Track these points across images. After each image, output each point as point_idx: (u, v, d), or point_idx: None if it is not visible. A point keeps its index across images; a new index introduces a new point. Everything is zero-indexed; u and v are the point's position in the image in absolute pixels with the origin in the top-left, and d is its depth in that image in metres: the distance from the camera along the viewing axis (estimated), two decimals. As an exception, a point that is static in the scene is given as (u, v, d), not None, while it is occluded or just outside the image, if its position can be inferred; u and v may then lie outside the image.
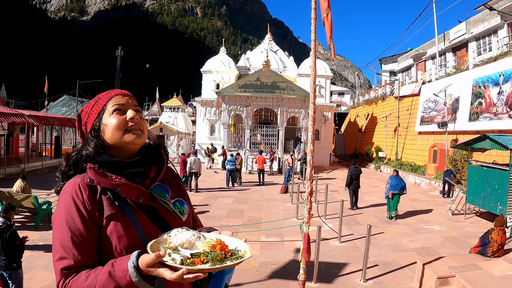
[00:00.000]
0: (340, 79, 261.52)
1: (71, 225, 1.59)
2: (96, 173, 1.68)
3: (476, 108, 21.44)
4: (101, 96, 1.89)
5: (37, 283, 7.33)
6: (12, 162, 23.68)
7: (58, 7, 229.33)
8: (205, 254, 1.48)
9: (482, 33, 26.43)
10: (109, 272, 1.47)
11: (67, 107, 41.28)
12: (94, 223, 1.64)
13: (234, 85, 29.82)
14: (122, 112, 1.82)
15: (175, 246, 1.51)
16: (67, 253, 1.56)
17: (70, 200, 1.64)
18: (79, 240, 1.58)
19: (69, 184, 1.71)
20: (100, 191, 1.70)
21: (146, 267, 1.41)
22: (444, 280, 7.08)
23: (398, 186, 13.56)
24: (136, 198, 1.74)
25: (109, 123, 1.79)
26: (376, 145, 34.88)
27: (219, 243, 1.56)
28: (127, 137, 1.79)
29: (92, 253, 1.62)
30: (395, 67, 45.86)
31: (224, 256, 1.50)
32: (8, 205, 6.48)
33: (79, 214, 1.61)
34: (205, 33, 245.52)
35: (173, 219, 1.82)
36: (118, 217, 1.67)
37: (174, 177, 2.10)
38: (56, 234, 1.62)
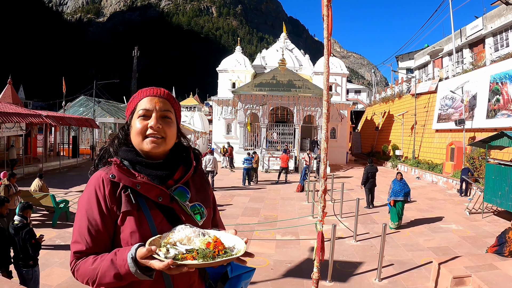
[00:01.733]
0: (356, 77, 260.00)
1: (89, 215, 1.73)
2: (119, 169, 1.78)
3: (494, 105, 21.17)
4: (137, 95, 1.95)
5: (53, 280, 7.44)
6: (30, 162, 24.01)
7: (74, 9, 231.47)
8: (199, 251, 1.56)
9: (499, 29, 26.10)
10: (111, 260, 1.61)
11: (84, 107, 41.58)
12: (111, 216, 1.75)
13: (250, 84, 29.82)
14: (147, 117, 1.86)
15: (174, 241, 1.61)
16: (81, 238, 1.71)
17: (92, 192, 1.77)
18: (93, 230, 1.71)
19: (95, 176, 1.83)
20: (122, 187, 1.79)
21: (140, 259, 1.53)
22: (460, 280, 7.01)
23: (402, 191, 12.10)
24: (156, 198, 1.81)
25: (133, 126, 1.88)
26: (393, 143, 34.66)
27: (214, 240, 1.62)
28: (145, 145, 1.84)
29: (104, 243, 1.74)
30: (412, 64, 45.50)
31: (217, 253, 1.56)
32: (25, 204, 6.56)
33: (98, 206, 1.74)
34: (221, 33, 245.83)
35: (190, 222, 1.84)
36: (133, 213, 1.76)
37: (202, 180, 2.14)
38: (76, 219, 1.77)
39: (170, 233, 1.67)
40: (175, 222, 1.80)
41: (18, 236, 6.02)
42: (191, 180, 2.02)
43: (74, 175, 22.23)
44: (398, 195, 12.04)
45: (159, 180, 1.84)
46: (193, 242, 1.62)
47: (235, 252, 1.65)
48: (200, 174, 2.15)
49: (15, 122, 19.36)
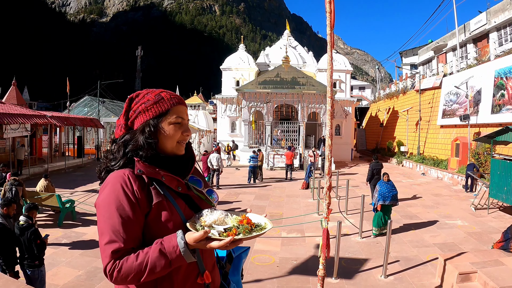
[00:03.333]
0: (360, 73, 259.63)
1: (121, 211, 1.75)
2: (145, 165, 1.86)
3: (499, 100, 21.09)
4: (164, 97, 1.98)
5: (60, 279, 7.48)
6: (36, 163, 24.10)
7: (77, 9, 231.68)
8: (236, 227, 1.77)
9: (503, 23, 25.97)
10: (160, 250, 1.69)
11: (88, 108, 41.72)
12: (141, 210, 1.80)
13: (254, 81, 29.81)
14: (179, 124, 1.99)
15: (209, 223, 1.79)
16: (117, 236, 1.71)
17: (119, 189, 1.79)
18: (128, 225, 1.74)
19: (117, 175, 1.85)
20: (148, 182, 1.87)
21: (194, 242, 1.68)
22: (466, 276, 6.99)
23: (389, 195, 10.94)
24: (176, 188, 1.94)
25: (169, 131, 1.96)
26: (398, 139, 34.57)
27: (244, 218, 1.85)
28: (176, 148, 2.00)
29: (138, 237, 1.80)
30: (416, 60, 45.39)
31: (250, 228, 1.79)
32: (31, 205, 6.60)
33: (128, 201, 1.77)
34: (224, 31, 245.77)
35: (204, 205, 2.02)
36: (164, 204, 1.85)
37: (198, 172, 2.29)
38: (104, 219, 1.76)
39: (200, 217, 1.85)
40: (194, 207, 1.97)
41: (23, 236, 6.05)
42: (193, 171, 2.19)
43: (80, 175, 22.31)
44: (386, 199, 10.88)
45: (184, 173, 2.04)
46: (225, 222, 1.82)
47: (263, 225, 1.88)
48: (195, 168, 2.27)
49: (20, 123, 19.43)
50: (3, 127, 18.97)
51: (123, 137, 1.97)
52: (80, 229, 11.13)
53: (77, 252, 9.07)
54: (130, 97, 2.04)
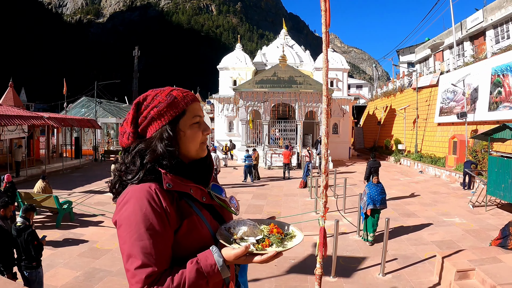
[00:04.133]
0: (357, 72, 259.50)
1: (151, 231, 1.57)
2: (173, 178, 1.69)
3: (496, 97, 21.13)
4: (177, 96, 1.79)
5: (58, 281, 7.48)
6: (33, 164, 24.05)
7: (74, 10, 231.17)
8: (270, 238, 1.68)
9: (500, 21, 26.02)
10: (197, 269, 1.56)
11: (86, 108, 41.69)
12: (171, 227, 1.64)
13: (251, 81, 29.80)
14: (199, 124, 1.83)
15: (240, 236, 1.69)
16: (149, 260, 1.54)
17: (147, 206, 1.59)
18: (160, 246, 1.57)
19: (141, 189, 1.65)
20: (176, 196, 1.72)
21: (234, 258, 1.59)
22: (464, 274, 7.01)
23: (379, 198, 10.21)
24: (201, 198, 1.80)
25: (190, 134, 1.79)
26: (395, 137, 34.61)
27: (273, 227, 1.75)
28: (200, 151, 1.85)
29: (170, 256, 1.64)
30: (413, 58, 45.48)
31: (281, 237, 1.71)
32: (28, 206, 6.60)
33: (158, 220, 1.59)
34: (221, 30, 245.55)
35: (226, 214, 1.93)
36: (194, 218, 1.72)
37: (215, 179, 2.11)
38: (132, 240, 1.56)
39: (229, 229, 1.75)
40: (217, 218, 1.86)
41: (20, 238, 6.05)
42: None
43: (78, 176, 22.27)
44: (376, 203, 10.11)
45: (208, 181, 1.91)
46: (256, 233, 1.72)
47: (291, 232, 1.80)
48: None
49: (17, 124, 19.39)
50: (0, 129, 18.93)
51: (137, 146, 1.75)
52: (78, 230, 11.11)
53: (75, 253, 9.07)
54: (137, 101, 1.80)
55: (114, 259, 8.69)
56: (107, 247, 9.55)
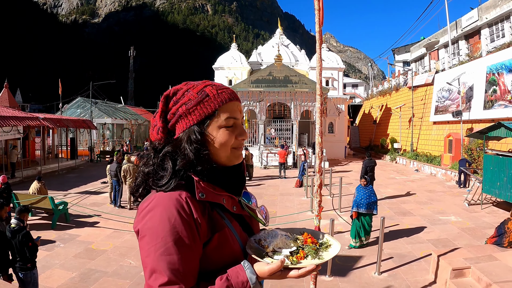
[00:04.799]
0: (353, 71, 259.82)
1: (180, 246, 1.42)
2: (207, 186, 1.54)
3: (491, 95, 21.19)
4: (210, 93, 1.60)
5: (54, 282, 7.46)
6: (29, 165, 23.97)
7: (69, 10, 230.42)
8: (304, 249, 1.53)
9: (495, 19, 26.05)
10: (227, 287, 1.40)
11: (81, 109, 41.55)
12: (201, 240, 1.50)
13: (247, 80, 29.79)
14: (233, 126, 1.62)
15: (273, 248, 1.54)
16: (177, 277, 1.39)
17: (176, 217, 1.44)
18: (189, 262, 1.43)
19: (170, 197, 1.48)
20: (209, 206, 1.57)
21: (268, 274, 1.41)
22: (459, 272, 7.02)
23: (364, 202, 9.54)
24: (232, 208, 1.64)
25: (220, 136, 1.59)
26: (391, 136, 34.69)
27: (307, 236, 1.60)
28: (234, 158, 1.66)
29: (197, 272, 1.49)
30: (408, 57, 45.48)
31: (316, 248, 1.55)
32: (22, 207, 6.57)
33: (188, 232, 1.44)
34: (217, 30, 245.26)
35: (255, 224, 1.77)
36: (225, 230, 1.57)
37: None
38: (157, 254, 1.41)
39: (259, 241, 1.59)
40: (246, 228, 1.70)
41: (15, 239, 6.03)
42: None
43: (73, 177, 22.21)
44: (360, 206, 9.51)
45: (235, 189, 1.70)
46: (289, 244, 1.57)
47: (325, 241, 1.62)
48: None
49: (12, 125, 19.33)
50: (-5, 130, 18.87)
51: (165, 147, 1.58)
52: (73, 230, 11.09)
53: (70, 254, 9.04)
54: (166, 94, 1.64)
55: (109, 260, 8.68)
56: (102, 247, 9.53)
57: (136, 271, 8.03)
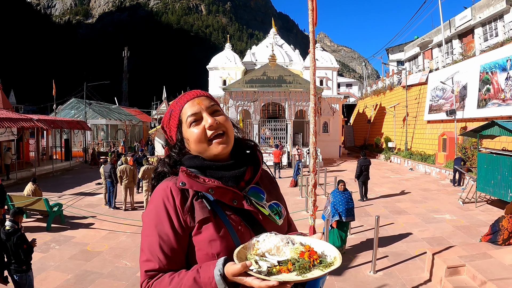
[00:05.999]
0: (347, 70, 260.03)
1: (159, 230, 1.60)
2: (188, 176, 1.65)
3: (484, 94, 21.28)
4: (173, 108, 1.82)
5: (49, 284, 7.45)
6: (23, 167, 23.89)
7: (62, 11, 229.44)
8: (292, 261, 1.41)
9: (488, 19, 26.15)
10: (194, 278, 1.45)
11: (75, 110, 41.48)
12: (184, 229, 1.61)
13: (241, 80, 29.79)
14: (199, 121, 1.74)
15: (262, 252, 1.46)
16: (153, 256, 1.57)
17: (160, 205, 1.63)
18: (166, 246, 1.58)
19: (161, 187, 1.70)
20: (193, 195, 1.67)
21: (232, 276, 1.38)
22: (454, 270, 7.05)
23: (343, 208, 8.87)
24: (230, 201, 1.68)
25: (190, 136, 1.75)
26: (386, 135, 34.76)
27: (307, 249, 1.47)
28: (214, 149, 1.73)
29: (179, 259, 1.61)
30: (402, 56, 45.57)
31: (312, 264, 1.41)
32: (16, 209, 6.55)
33: (168, 219, 1.61)
34: (211, 30, 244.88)
35: (268, 223, 1.74)
36: (210, 221, 1.63)
37: (270, 180, 2.01)
38: (144, 235, 1.63)
39: (255, 242, 1.51)
40: (253, 225, 1.70)
41: (9, 242, 6.00)
42: (260, 180, 1.89)
43: (68, 178, 22.16)
44: (343, 215, 8.82)
45: (232, 182, 1.72)
46: (283, 252, 1.47)
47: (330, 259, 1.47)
48: (267, 174, 2.03)
49: (6, 127, 19.27)
50: (-11, 132, 18.81)
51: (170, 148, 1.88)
52: (68, 232, 11.06)
53: (66, 256, 9.02)
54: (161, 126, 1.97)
55: (105, 261, 8.66)
56: (98, 249, 9.51)
57: (132, 272, 8.02)
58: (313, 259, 1.42)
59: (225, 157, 1.78)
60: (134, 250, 9.40)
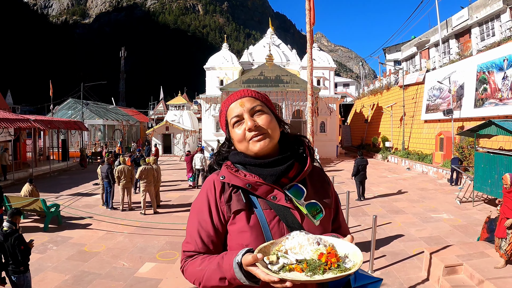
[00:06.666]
0: (344, 70, 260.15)
1: (200, 217, 1.81)
2: (229, 171, 1.82)
3: (481, 94, 21.33)
4: (222, 108, 1.97)
5: (47, 285, 7.42)
6: (20, 167, 23.83)
7: (59, 11, 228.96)
8: (309, 262, 1.42)
9: (485, 18, 26.22)
10: (218, 263, 1.61)
11: (72, 110, 41.43)
12: (221, 218, 1.79)
13: (238, 80, 29.81)
14: (241, 121, 1.85)
15: (286, 249, 1.50)
16: (191, 239, 1.80)
17: (204, 195, 1.85)
18: (203, 232, 1.78)
19: (208, 179, 1.91)
20: (232, 188, 1.81)
21: (245, 266, 1.46)
22: (452, 269, 7.06)
23: None
24: (269, 197, 1.77)
25: (233, 136, 1.89)
26: (383, 135, 34.78)
27: (328, 251, 1.45)
28: (253, 148, 1.80)
29: (214, 245, 1.79)
30: (399, 56, 45.64)
31: (328, 267, 1.40)
32: (14, 210, 6.52)
33: (208, 209, 1.81)
34: (208, 30, 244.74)
35: (307, 222, 1.77)
36: (244, 213, 1.75)
37: (320, 178, 2.02)
38: (188, 221, 1.88)
39: (284, 239, 1.55)
40: (291, 222, 1.74)
41: (7, 243, 5.98)
42: (308, 178, 1.93)
43: (65, 179, 22.11)
44: None
45: (271, 178, 1.79)
46: (305, 251, 1.47)
47: (349, 266, 1.44)
48: (319, 172, 2.05)
49: (3, 127, 19.22)
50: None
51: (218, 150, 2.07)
52: (66, 233, 11.03)
53: (63, 256, 9.00)
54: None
55: (102, 262, 8.65)
56: (95, 250, 9.50)
57: (129, 273, 8.01)
58: (331, 262, 1.42)
59: (268, 153, 1.85)
60: (131, 251, 9.39)
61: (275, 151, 1.87)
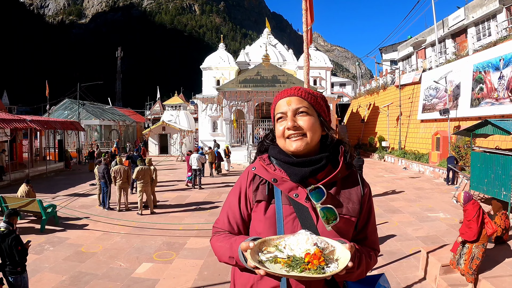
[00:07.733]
0: (341, 70, 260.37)
1: (231, 201, 2.03)
2: (261, 163, 1.97)
3: (477, 93, 21.37)
4: (273, 102, 2.06)
5: (44, 285, 7.40)
6: (17, 168, 23.74)
7: (56, 11, 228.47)
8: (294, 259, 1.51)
9: (481, 18, 26.26)
10: (231, 244, 1.81)
11: (69, 110, 41.32)
12: (248, 205, 1.98)
13: (234, 80, 29.82)
14: (285, 118, 1.92)
15: (285, 244, 1.59)
16: (221, 218, 2.05)
17: (239, 181, 2.05)
18: (231, 214, 2.00)
19: (247, 168, 2.08)
20: (261, 179, 1.95)
21: (242, 251, 1.62)
22: (449, 268, 7.08)
23: None
24: (292, 194, 1.85)
25: (275, 131, 1.98)
26: (379, 134, 34.82)
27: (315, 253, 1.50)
28: (289, 146, 1.89)
29: (238, 226, 1.98)
30: (395, 56, 45.68)
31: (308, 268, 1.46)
32: (11, 211, 6.51)
33: (239, 195, 2.00)
34: (204, 30, 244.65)
35: (321, 225, 1.78)
36: (263, 204, 1.89)
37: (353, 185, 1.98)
38: (225, 202, 2.10)
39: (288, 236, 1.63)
40: (306, 221, 1.82)
41: (4, 243, 5.97)
42: (341, 183, 1.94)
43: (62, 179, 22.07)
44: None
45: (295, 178, 1.85)
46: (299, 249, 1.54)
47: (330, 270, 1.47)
48: (355, 180, 2.01)
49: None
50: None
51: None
52: (62, 233, 11.01)
53: (60, 257, 8.98)
54: None
55: (99, 262, 8.63)
56: (92, 250, 9.48)
57: (126, 273, 8.00)
58: (312, 263, 1.47)
59: (304, 153, 1.90)
60: (128, 251, 9.38)
61: (313, 152, 1.92)
